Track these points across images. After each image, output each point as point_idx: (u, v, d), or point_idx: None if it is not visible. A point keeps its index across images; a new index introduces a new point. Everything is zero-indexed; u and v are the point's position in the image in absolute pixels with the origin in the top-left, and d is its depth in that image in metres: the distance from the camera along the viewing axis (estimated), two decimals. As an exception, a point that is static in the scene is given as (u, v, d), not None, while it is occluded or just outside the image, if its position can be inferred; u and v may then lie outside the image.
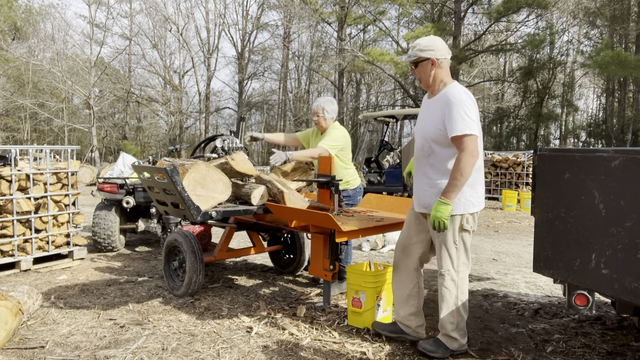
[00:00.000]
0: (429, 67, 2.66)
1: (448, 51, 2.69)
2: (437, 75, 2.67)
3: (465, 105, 2.53)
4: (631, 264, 2.07)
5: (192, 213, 3.48)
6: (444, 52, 2.65)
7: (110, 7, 26.50)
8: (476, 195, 2.71)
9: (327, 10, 23.47)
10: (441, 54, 2.64)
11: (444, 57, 2.65)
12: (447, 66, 2.69)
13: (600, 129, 23.49)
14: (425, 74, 2.68)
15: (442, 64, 2.66)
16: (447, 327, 2.74)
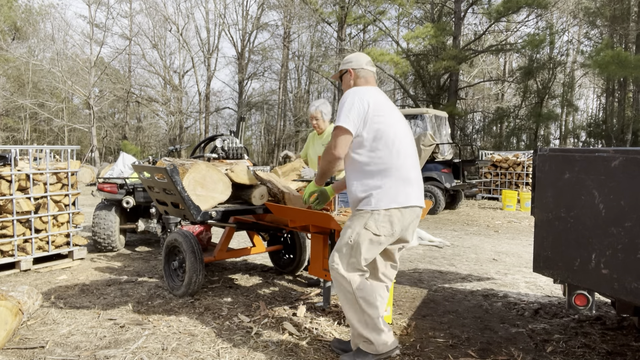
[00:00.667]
0: (348, 77, 2.81)
1: (366, 63, 2.79)
2: (355, 83, 2.79)
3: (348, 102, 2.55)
4: (631, 264, 2.07)
5: (192, 213, 3.49)
6: (362, 64, 2.78)
7: (110, 7, 26.51)
8: (393, 192, 2.51)
9: (327, 10, 23.45)
10: (358, 65, 2.78)
11: (361, 67, 2.77)
12: (365, 76, 2.77)
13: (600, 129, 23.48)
14: (346, 84, 2.84)
15: (359, 74, 2.78)
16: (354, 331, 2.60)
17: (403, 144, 2.59)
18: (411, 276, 4.76)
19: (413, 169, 2.62)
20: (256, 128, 31.55)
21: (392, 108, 2.67)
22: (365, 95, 2.57)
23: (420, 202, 2.63)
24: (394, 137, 2.56)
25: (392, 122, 2.60)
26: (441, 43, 19.89)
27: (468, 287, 4.35)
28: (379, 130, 2.54)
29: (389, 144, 2.54)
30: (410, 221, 2.61)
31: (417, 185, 2.63)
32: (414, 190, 2.59)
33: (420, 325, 3.33)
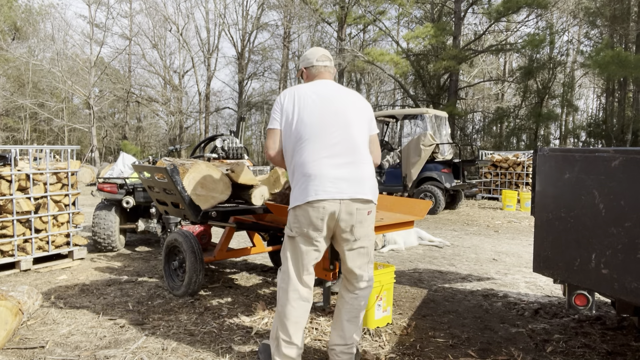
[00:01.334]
0: (302, 76, 2.79)
1: (317, 59, 2.68)
2: (306, 81, 2.73)
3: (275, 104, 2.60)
4: (631, 264, 2.07)
5: (192, 213, 3.49)
6: (312, 61, 2.69)
7: (110, 7, 26.52)
8: (297, 190, 2.42)
9: (327, 10, 23.45)
10: (308, 63, 2.71)
11: (311, 65, 2.69)
12: (315, 72, 2.69)
13: (600, 129, 23.47)
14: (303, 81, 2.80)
15: (309, 71, 2.71)
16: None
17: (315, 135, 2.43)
18: (411, 276, 4.76)
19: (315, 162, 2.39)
20: (256, 128, 31.55)
21: (314, 100, 2.48)
22: (284, 94, 2.57)
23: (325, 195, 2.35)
24: (302, 132, 2.44)
25: (303, 116, 2.46)
26: (441, 43, 19.89)
27: (468, 287, 4.35)
28: (287, 127, 2.51)
29: (295, 139, 2.47)
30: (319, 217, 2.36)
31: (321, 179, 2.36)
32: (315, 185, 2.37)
33: (420, 325, 3.33)
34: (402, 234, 6.15)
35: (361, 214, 2.41)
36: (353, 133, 2.47)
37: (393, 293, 3.49)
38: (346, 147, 2.44)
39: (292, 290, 2.46)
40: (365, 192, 2.41)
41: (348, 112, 2.51)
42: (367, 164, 2.49)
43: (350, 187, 2.38)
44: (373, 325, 3.19)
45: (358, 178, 2.41)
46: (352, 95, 2.62)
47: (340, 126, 2.46)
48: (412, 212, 3.67)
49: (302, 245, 2.42)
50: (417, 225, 6.79)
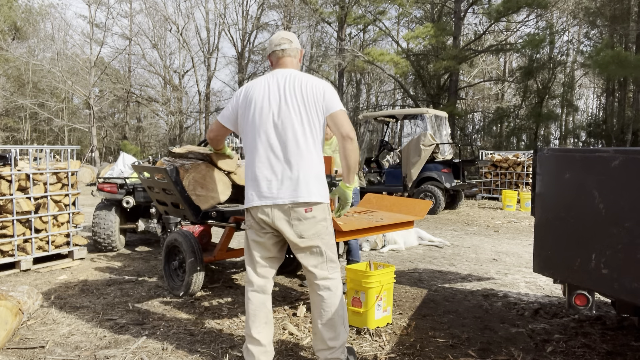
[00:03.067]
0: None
1: (275, 45, 2.58)
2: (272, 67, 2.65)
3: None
4: (631, 264, 2.07)
5: (192, 213, 3.49)
6: (272, 47, 2.59)
7: (110, 7, 26.50)
8: (246, 191, 2.47)
9: (327, 10, 23.46)
10: (270, 49, 2.61)
11: (272, 50, 2.59)
12: (273, 58, 2.60)
13: (600, 129, 23.47)
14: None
15: (271, 57, 2.62)
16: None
17: (253, 138, 2.43)
18: (411, 276, 4.76)
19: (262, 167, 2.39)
20: (256, 128, 31.50)
21: (263, 96, 2.44)
22: (240, 90, 2.57)
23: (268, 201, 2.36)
24: (250, 132, 2.46)
25: (252, 115, 2.44)
26: (441, 43, 19.89)
27: (468, 287, 4.35)
28: (241, 128, 2.53)
29: (246, 141, 2.49)
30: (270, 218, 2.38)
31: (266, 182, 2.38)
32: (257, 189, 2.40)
33: (420, 325, 3.33)
34: (402, 234, 6.15)
35: (298, 214, 2.36)
36: (287, 131, 2.38)
37: (393, 293, 3.49)
38: (279, 147, 2.38)
39: (246, 282, 2.54)
40: (300, 195, 2.34)
41: (283, 107, 2.40)
42: (303, 162, 2.37)
43: (282, 190, 2.35)
44: (373, 325, 3.19)
45: (291, 179, 2.35)
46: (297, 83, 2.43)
47: (270, 126, 2.40)
48: (412, 212, 3.67)
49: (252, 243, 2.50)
50: (417, 225, 6.79)
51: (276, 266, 2.57)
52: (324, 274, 2.45)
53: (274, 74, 2.50)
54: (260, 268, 2.50)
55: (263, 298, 2.50)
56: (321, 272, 2.45)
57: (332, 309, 2.43)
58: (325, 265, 2.46)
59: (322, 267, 2.45)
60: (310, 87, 2.43)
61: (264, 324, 2.48)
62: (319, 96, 2.43)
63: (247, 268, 2.53)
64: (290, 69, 2.53)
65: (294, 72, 2.49)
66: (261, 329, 2.47)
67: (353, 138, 2.41)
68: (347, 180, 2.50)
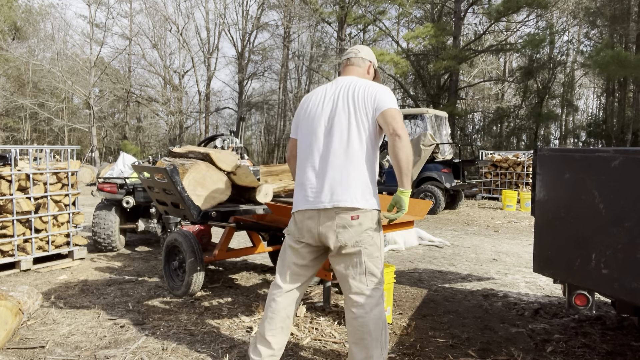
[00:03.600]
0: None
1: (347, 52, 2.63)
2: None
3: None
4: (631, 264, 2.07)
5: (192, 213, 3.49)
6: (344, 56, 2.64)
7: (110, 7, 26.49)
8: (294, 195, 2.48)
9: (327, 10, 23.46)
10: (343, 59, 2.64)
11: (344, 58, 2.62)
12: (344, 65, 2.62)
13: (600, 129, 23.47)
14: None
15: (342, 65, 2.63)
16: None
17: (305, 144, 2.43)
18: (411, 276, 4.76)
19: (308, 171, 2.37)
20: (256, 128, 31.57)
21: (318, 102, 2.43)
22: (303, 98, 2.58)
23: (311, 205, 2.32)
24: (301, 137, 2.48)
25: (306, 121, 2.45)
26: (441, 43, 19.89)
27: (468, 287, 4.35)
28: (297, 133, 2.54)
29: (299, 146, 2.48)
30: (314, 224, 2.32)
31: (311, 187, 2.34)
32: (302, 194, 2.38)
33: (420, 325, 3.33)
34: (402, 234, 6.15)
35: (344, 220, 2.26)
36: (335, 136, 2.32)
37: (393, 293, 3.49)
38: (326, 152, 2.33)
39: (273, 284, 2.49)
40: (342, 199, 2.26)
41: (334, 112, 2.36)
42: (348, 167, 2.29)
43: (325, 194, 2.28)
44: (373, 325, 3.19)
45: (334, 183, 2.28)
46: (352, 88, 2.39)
47: (321, 131, 2.37)
48: (412, 212, 3.67)
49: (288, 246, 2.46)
50: (417, 225, 6.79)
51: (308, 275, 2.47)
52: (360, 287, 2.28)
53: (335, 81, 2.51)
54: (290, 274, 2.43)
55: (286, 303, 2.43)
56: (357, 284, 2.29)
57: (364, 329, 2.25)
58: (363, 277, 2.29)
59: (360, 279, 2.29)
60: (363, 90, 2.37)
61: (279, 329, 2.43)
62: (370, 98, 2.34)
63: (277, 271, 2.49)
64: (353, 77, 2.50)
65: (354, 79, 2.45)
66: (276, 332, 2.42)
67: (401, 135, 2.23)
68: (401, 184, 2.29)
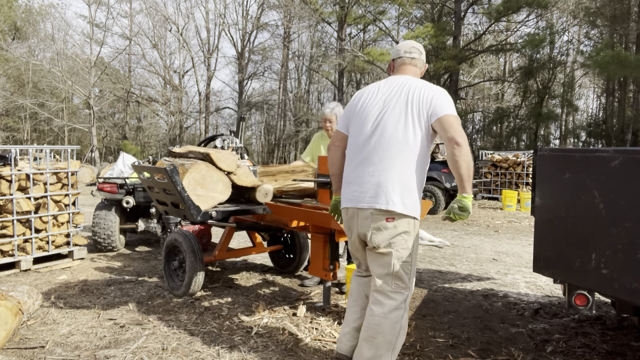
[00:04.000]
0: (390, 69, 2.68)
1: (404, 52, 2.55)
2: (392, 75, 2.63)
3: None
4: (631, 264, 2.07)
5: (192, 213, 3.49)
6: (400, 52, 2.57)
7: (110, 7, 26.50)
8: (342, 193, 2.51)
9: (327, 10, 23.46)
10: (396, 55, 2.58)
11: (399, 57, 2.56)
12: (399, 62, 2.56)
13: (600, 129, 23.47)
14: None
15: (396, 62, 2.58)
16: None
17: (353, 141, 2.45)
18: (411, 276, 4.76)
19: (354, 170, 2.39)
20: (256, 128, 31.57)
21: (370, 100, 2.43)
22: (355, 94, 2.60)
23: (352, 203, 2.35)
24: (351, 135, 2.49)
25: (357, 118, 2.45)
26: (441, 43, 19.88)
27: (468, 287, 4.35)
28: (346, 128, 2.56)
29: (349, 142, 2.51)
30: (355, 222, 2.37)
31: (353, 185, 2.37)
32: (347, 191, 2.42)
33: (420, 325, 3.33)
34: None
35: (379, 222, 2.26)
36: (382, 136, 2.31)
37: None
38: (370, 151, 2.33)
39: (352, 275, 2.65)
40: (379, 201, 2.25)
41: (385, 112, 2.34)
42: (391, 169, 2.27)
43: (364, 194, 2.29)
44: (373, 325, 3.19)
45: (374, 184, 2.28)
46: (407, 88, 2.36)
47: (370, 129, 2.36)
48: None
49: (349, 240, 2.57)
50: (417, 225, 6.78)
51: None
52: (385, 288, 2.30)
53: (389, 79, 2.47)
54: (358, 263, 2.60)
55: (360, 285, 2.59)
56: (383, 284, 2.30)
57: (378, 329, 2.27)
58: (390, 279, 2.29)
59: (386, 280, 2.30)
60: (419, 92, 2.32)
61: (360, 309, 2.52)
62: (426, 101, 2.29)
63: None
64: (409, 76, 2.46)
65: (410, 79, 2.42)
66: (353, 317, 2.54)
67: (461, 143, 2.16)
68: (463, 190, 2.23)
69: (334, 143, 2.59)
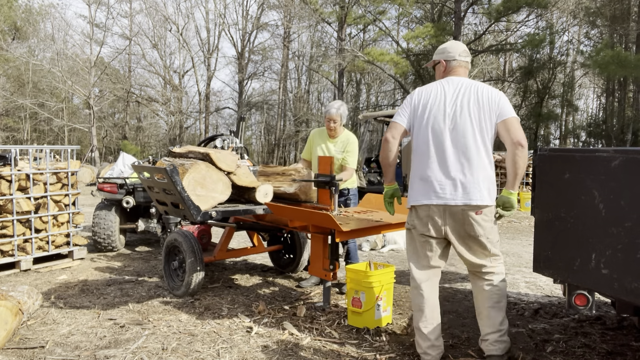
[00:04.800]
0: (440, 68, 2.77)
1: (459, 54, 2.69)
2: (445, 74, 2.74)
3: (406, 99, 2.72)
4: (631, 264, 2.07)
5: (192, 213, 3.48)
6: (454, 54, 2.69)
7: (110, 7, 26.52)
8: (412, 189, 2.66)
9: (327, 10, 23.46)
10: (450, 56, 2.70)
11: (454, 58, 2.70)
12: (456, 65, 2.70)
13: (600, 129, 23.48)
14: (438, 74, 2.80)
15: (451, 64, 2.70)
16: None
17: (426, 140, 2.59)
18: (411, 276, 4.76)
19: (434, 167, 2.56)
20: (256, 128, 31.58)
21: (440, 100, 2.58)
22: (414, 94, 2.69)
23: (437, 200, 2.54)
24: (423, 135, 2.61)
25: (427, 119, 2.59)
26: (441, 43, 19.82)
27: (468, 287, 4.35)
28: (414, 130, 2.66)
29: (417, 142, 2.64)
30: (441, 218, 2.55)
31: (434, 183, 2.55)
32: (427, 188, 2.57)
33: (420, 325, 3.32)
34: (402, 234, 6.15)
35: (470, 216, 2.50)
36: (460, 136, 2.51)
37: (393, 293, 3.49)
38: (449, 149, 2.52)
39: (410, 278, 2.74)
40: (473, 198, 2.47)
41: (458, 113, 2.53)
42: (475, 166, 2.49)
43: (456, 193, 2.50)
44: (373, 325, 3.19)
45: (465, 182, 2.49)
46: (474, 90, 2.55)
47: (446, 130, 2.54)
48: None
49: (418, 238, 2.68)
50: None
51: (440, 262, 2.69)
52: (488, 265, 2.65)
53: (449, 81, 2.63)
54: (426, 266, 2.67)
55: (427, 292, 2.67)
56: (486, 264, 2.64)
57: (501, 292, 2.63)
58: (489, 259, 2.65)
59: (487, 261, 2.64)
60: (487, 94, 2.54)
61: (430, 319, 2.66)
62: (494, 103, 2.52)
63: (410, 265, 2.71)
64: (464, 78, 2.67)
65: (468, 81, 2.62)
66: (427, 323, 2.65)
67: (524, 145, 2.46)
68: (512, 186, 2.57)
69: (393, 136, 2.67)
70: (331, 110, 4.13)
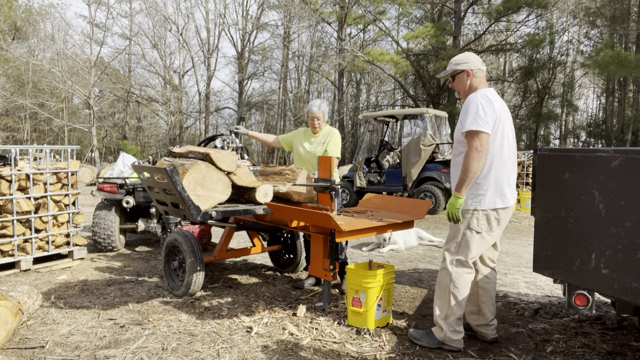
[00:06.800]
0: (464, 78, 2.90)
1: (482, 63, 2.91)
2: (472, 84, 2.88)
3: (478, 105, 2.70)
4: (631, 264, 2.07)
5: (192, 213, 3.48)
6: (477, 64, 2.89)
7: (110, 7, 26.53)
8: (484, 193, 2.75)
9: (327, 10, 23.46)
10: (475, 66, 2.87)
11: (478, 68, 2.87)
12: (481, 76, 2.89)
13: (600, 129, 23.48)
14: (462, 84, 2.92)
15: (476, 74, 2.87)
16: (435, 313, 2.91)
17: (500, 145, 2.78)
18: (411, 276, 4.76)
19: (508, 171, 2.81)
20: (256, 128, 31.55)
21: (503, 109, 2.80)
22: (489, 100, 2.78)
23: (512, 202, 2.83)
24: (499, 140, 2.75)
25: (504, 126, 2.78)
26: (441, 43, 19.89)
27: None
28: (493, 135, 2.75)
29: (494, 146, 2.75)
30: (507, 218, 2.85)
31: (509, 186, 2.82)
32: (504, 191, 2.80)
33: (420, 325, 3.33)
34: (402, 234, 6.15)
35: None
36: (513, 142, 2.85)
37: (393, 293, 3.49)
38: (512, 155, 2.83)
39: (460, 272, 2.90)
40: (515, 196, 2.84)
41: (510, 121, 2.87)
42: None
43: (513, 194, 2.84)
44: (373, 325, 3.19)
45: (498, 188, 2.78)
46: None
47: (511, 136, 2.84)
48: (412, 212, 3.67)
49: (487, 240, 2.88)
50: (417, 225, 6.79)
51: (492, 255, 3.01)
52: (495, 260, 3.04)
53: (492, 91, 2.85)
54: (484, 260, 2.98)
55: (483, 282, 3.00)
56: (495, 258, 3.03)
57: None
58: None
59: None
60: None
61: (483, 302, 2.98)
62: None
63: (470, 260, 2.82)
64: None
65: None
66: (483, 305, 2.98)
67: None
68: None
69: (485, 148, 2.68)
70: (313, 109, 4.24)
